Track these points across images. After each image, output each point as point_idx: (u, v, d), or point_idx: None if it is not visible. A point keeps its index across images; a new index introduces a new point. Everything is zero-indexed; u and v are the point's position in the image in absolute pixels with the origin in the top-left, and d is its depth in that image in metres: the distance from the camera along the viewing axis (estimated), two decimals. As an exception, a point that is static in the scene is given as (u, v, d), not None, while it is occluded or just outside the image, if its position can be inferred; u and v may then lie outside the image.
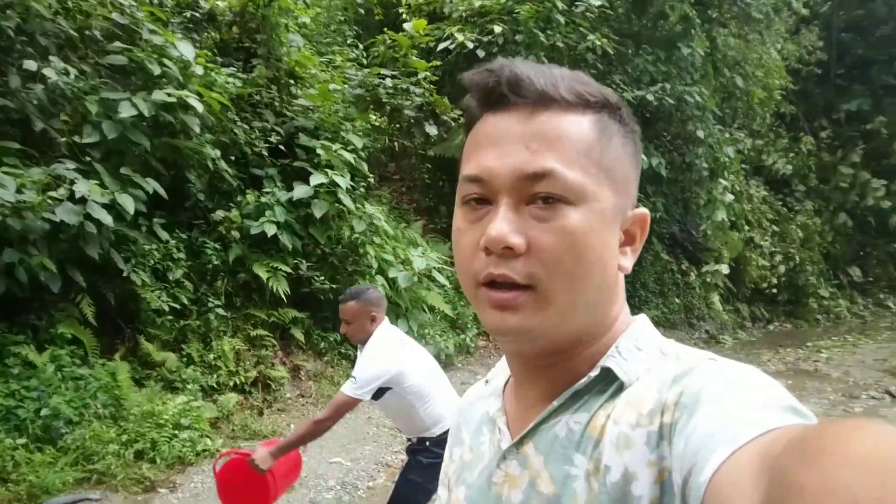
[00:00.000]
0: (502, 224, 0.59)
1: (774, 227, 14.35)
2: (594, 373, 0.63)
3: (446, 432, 2.98)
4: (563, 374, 0.65)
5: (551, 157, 0.59)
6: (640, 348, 0.64)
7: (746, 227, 13.34)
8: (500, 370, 0.79)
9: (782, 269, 13.80)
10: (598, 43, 9.28)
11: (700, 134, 10.51)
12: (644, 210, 0.66)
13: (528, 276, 0.59)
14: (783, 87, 14.80)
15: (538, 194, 0.59)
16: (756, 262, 13.16)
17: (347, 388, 2.71)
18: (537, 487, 0.63)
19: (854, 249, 16.86)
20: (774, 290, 13.79)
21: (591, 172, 0.60)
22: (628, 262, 0.65)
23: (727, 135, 12.81)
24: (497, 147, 0.62)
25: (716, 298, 12.05)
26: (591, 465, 0.59)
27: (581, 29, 9.54)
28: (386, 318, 2.97)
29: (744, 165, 14.04)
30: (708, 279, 11.84)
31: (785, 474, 0.36)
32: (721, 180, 11.60)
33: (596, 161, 0.61)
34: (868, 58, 17.74)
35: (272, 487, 2.72)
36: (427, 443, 2.95)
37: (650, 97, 9.68)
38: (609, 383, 0.62)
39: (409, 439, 3.04)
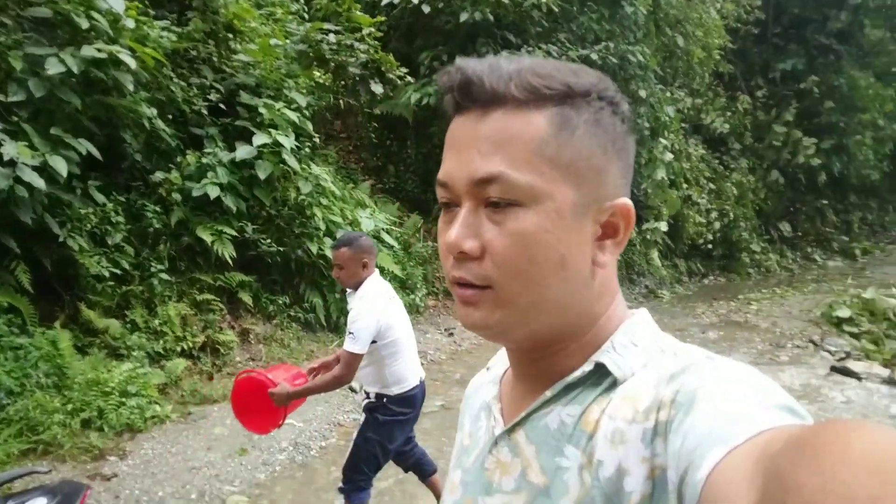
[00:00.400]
0: (457, 230, 0.61)
1: (711, 185, 14.84)
2: (588, 367, 0.63)
3: (405, 393, 3.11)
4: (555, 366, 0.65)
5: (499, 160, 0.59)
6: (635, 343, 0.63)
7: (685, 185, 13.75)
8: (501, 358, 0.80)
9: (717, 225, 14.36)
10: (544, 0, 9.24)
11: (642, 93, 10.69)
12: (625, 200, 0.63)
13: (483, 279, 0.61)
14: (722, 47, 15.12)
15: (490, 198, 0.60)
16: (693, 219, 13.64)
17: (349, 346, 2.84)
18: (528, 477, 0.63)
19: (784, 206, 17.64)
20: (710, 246, 14.36)
21: (545, 171, 0.59)
22: (606, 256, 0.63)
23: (668, 94, 13.07)
24: (456, 151, 0.62)
25: (655, 255, 12.46)
26: (584, 459, 0.59)
27: (527, -15, 9.47)
28: (376, 270, 3.09)
29: (683, 124, 14.39)
30: (648, 236, 12.21)
31: (782, 473, 0.36)
32: (661, 139, 11.87)
33: (551, 159, 0.59)
34: (803, 17, 18.25)
35: (282, 416, 3.03)
36: (384, 399, 3.06)
37: (594, 56, 9.75)
38: (602, 377, 0.62)
39: (367, 395, 3.13)
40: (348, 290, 3.07)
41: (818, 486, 0.33)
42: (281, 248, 6.47)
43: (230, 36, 7.06)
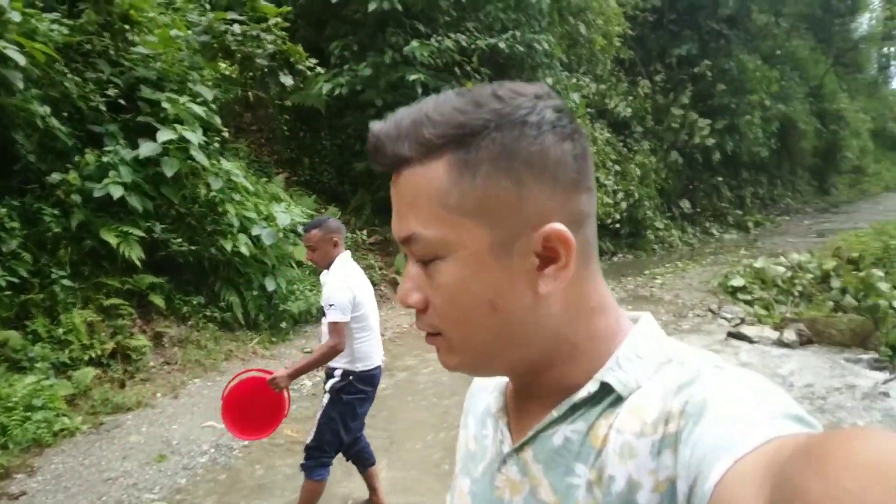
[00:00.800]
0: (403, 285, 0.63)
1: (617, 167, 15.42)
2: (593, 388, 0.61)
3: (369, 370, 3.21)
4: (555, 384, 0.64)
5: (412, 220, 0.60)
6: (640, 356, 0.62)
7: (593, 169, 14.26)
8: None
9: (624, 205, 14.98)
10: (451, -11, 9.36)
11: (549, 81, 10.98)
12: (552, 226, 0.58)
13: (432, 327, 0.63)
14: (622, 34, 15.70)
15: (417, 257, 0.62)
16: (601, 200, 14.17)
17: (333, 316, 3.04)
18: (539, 496, 0.63)
19: (684, 184, 18.59)
20: (618, 225, 14.94)
21: (452, 222, 0.59)
22: (549, 284, 0.59)
23: (573, 81, 13.49)
24: (392, 212, 0.64)
25: (567, 236, 12.89)
26: (593, 475, 0.58)
27: (434, -25, 9.54)
28: (347, 251, 3.28)
29: (589, 110, 14.86)
30: (560, 219, 12.57)
31: (789, 481, 0.37)
32: (569, 125, 12.23)
33: (454, 207, 0.58)
34: (696, 4, 19.19)
35: (286, 404, 3.19)
36: (350, 377, 3.20)
37: (502, 45, 9.94)
38: (608, 393, 0.61)
39: (330, 374, 3.25)
40: (323, 272, 3.26)
41: (823, 493, 0.34)
42: (193, 247, 6.31)
43: (127, 27, 6.76)
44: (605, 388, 0.61)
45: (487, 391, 0.78)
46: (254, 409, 3.19)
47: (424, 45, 9.16)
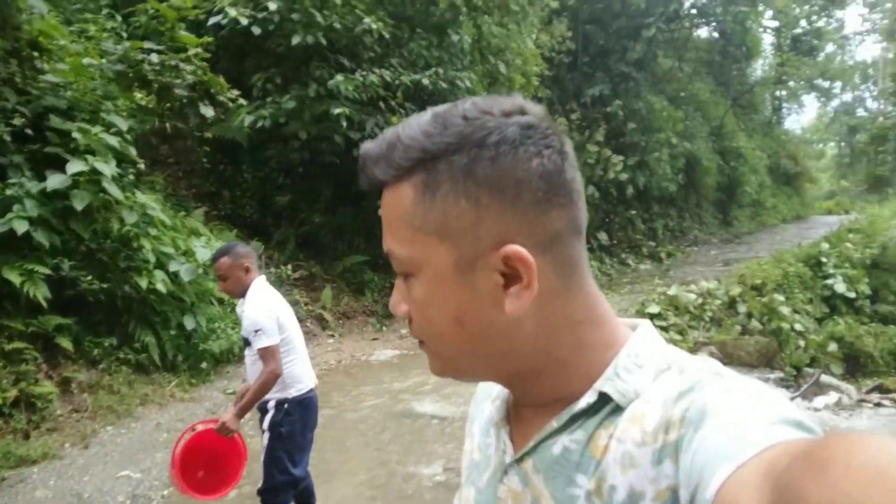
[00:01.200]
0: (393, 296, 0.67)
1: (539, 201, 15.94)
2: (591, 398, 0.61)
3: (303, 395, 3.09)
4: (549, 395, 0.65)
5: (389, 239, 0.64)
6: (640, 365, 0.61)
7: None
8: None
9: (546, 237, 15.46)
10: (375, 26, 9.46)
11: (472, 116, 11.21)
12: (510, 248, 0.58)
13: (417, 335, 0.67)
14: (539, 74, 16.33)
15: (396, 270, 0.65)
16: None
17: (262, 342, 2.91)
18: None
19: (601, 217, 19.34)
20: (541, 257, 15.39)
21: (418, 241, 0.61)
22: (516, 303, 0.59)
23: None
24: None
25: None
26: (592, 485, 0.58)
27: (357, 11, 9.62)
28: (262, 275, 3.16)
29: (511, 145, 15.30)
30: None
31: (789, 487, 0.37)
32: (492, 159, 12.53)
33: (419, 227, 0.60)
34: (607, 48, 20.35)
35: (242, 448, 3.05)
36: (285, 405, 3.07)
37: (426, 81, 10.11)
38: (606, 403, 0.61)
39: (264, 409, 3.10)
40: (239, 301, 3.12)
41: (822, 498, 0.34)
42: (105, 285, 5.96)
43: (36, 55, 6.43)
44: (604, 398, 0.61)
45: (491, 399, 0.77)
46: (208, 463, 3.02)
47: (349, 80, 9.19)
